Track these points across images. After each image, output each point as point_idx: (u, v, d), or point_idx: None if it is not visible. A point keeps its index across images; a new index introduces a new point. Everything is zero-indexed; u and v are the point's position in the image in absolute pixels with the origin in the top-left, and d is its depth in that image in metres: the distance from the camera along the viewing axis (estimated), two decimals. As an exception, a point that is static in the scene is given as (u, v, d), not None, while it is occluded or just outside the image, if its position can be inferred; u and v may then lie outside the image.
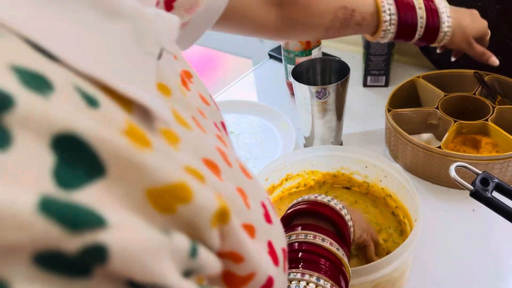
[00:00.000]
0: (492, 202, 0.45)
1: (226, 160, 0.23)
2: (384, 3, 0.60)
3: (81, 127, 0.14)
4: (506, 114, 0.70)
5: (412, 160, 0.68)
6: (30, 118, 0.13)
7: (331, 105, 0.68)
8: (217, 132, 0.26)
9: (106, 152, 0.15)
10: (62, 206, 0.13)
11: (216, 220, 0.18)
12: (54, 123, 0.14)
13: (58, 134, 0.14)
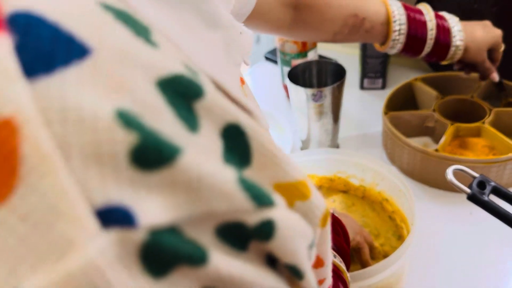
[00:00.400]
0: (489, 205, 0.45)
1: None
2: (395, 13, 0.60)
3: (243, 121, 0.16)
4: (503, 117, 0.70)
5: (409, 163, 0.68)
6: (213, 106, 0.15)
7: (327, 108, 0.68)
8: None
9: (256, 144, 0.17)
10: (253, 186, 0.16)
11: (322, 221, 0.20)
12: (228, 115, 0.16)
13: (228, 124, 0.16)
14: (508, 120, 0.70)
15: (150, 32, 0.15)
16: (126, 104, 0.13)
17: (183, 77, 0.15)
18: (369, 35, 0.62)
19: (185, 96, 0.15)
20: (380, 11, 0.60)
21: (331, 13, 0.58)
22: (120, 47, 0.14)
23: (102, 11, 0.14)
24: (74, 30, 0.13)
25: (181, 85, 0.14)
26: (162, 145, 0.13)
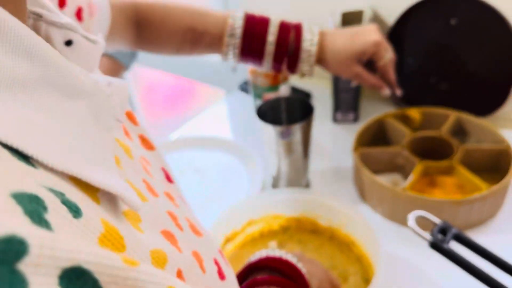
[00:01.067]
0: (449, 253, 0.44)
1: (177, 224, 0.24)
2: (231, 27, 0.59)
3: (83, 259, 0.15)
4: (473, 154, 0.70)
5: (379, 200, 0.67)
6: (41, 260, 0.14)
7: (296, 145, 0.67)
8: (165, 188, 0.26)
9: (105, 276, 0.16)
10: None
11: None
12: (61, 260, 0.14)
13: (65, 270, 0.15)
14: (477, 157, 0.70)
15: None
16: None
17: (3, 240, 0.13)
18: (213, 48, 0.61)
19: (7, 261, 0.13)
20: (218, 23, 0.60)
21: (167, 30, 0.59)
22: None
23: None
24: None
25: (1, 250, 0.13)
26: None
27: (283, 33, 0.59)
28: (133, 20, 0.59)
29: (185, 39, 0.60)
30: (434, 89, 0.86)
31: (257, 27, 0.59)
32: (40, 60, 0.18)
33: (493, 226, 0.64)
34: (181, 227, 0.24)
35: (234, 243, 0.61)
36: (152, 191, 0.24)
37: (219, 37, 0.60)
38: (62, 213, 0.16)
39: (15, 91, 0.17)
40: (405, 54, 0.86)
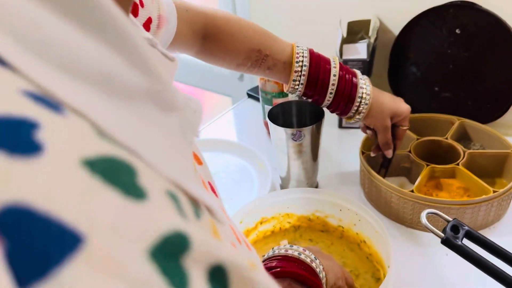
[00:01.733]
0: (462, 249, 0.46)
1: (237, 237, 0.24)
2: (299, 55, 0.60)
3: (224, 257, 0.16)
4: (477, 159, 0.72)
5: (386, 203, 0.69)
6: (199, 255, 0.15)
7: (306, 147, 0.69)
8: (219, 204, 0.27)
9: (234, 276, 0.17)
10: None
11: None
12: (211, 256, 0.16)
13: (212, 268, 0.16)
14: (482, 162, 0.72)
15: (136, 175, 0.15)
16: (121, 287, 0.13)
17: (172, 235, 0.14)
18: (271, 72, 0.62)
19: (175, 255, 0.14)
20: (285, 50, 0.61)
21: (234, 46, 0.60)
22: (111, 220, 0.13)
23: (89, 177, 0.13)
24: (64, 216, 0.12)
25: (170, 244, 0.14)
26: None
27: (344, 82, 0.61)
28: (201, 33, 0.60)
29: (249, 57, 0.60)
30: (438, 97, 0.88)
31: (321, 73, 0.61)
32: (150, 73, 0.18)
33: (499, 229, 0.66)
34: (239, 240, 0.24)
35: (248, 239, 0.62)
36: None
37: (282, 63, 0.61)
38: (190, 212, 0.17)
39: (126, 99, 0.17)
40: (409, 63, 0.88)
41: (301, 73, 0.60)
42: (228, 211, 0.72)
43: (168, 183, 0.17)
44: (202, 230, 0.16)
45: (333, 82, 0.61)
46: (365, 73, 0.84)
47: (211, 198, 0.22)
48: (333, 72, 0.61)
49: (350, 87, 0.61)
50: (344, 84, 0.61)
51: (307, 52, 0.61)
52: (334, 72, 0.61)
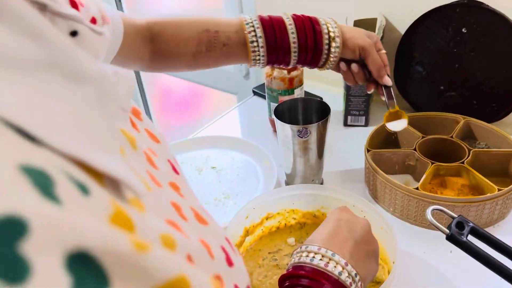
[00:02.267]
0: (467, 246, 0.46)
1: (181, 215, 0.23)
2: (247, 18, 0.59)
3: (90, 242, 0.14)
4: (482, 157, 0.72)
5: (391, 200, 0.69)
6: (46, 239, 0.13)
7: (312, 144, 0.69)
8: (170, 179, 0.26)
9: (111, 263, 0.15)
10: None
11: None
12: (68, 239, 0.14)
13: (72, 254, 0.14)
14: (486, 160, 0.72)
15: None
16: None
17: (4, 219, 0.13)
18: (228, 48, 0.60)
19: (8, 241, 0.12)
20: (232, 21, 0.60)
21: (183, 35, 0.59)
22: None
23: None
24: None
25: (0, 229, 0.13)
26: None
27: (300, 21, 0.60)
28: (147, 37, 0.59)
29: (200, 41, 0.59)
30: (444, 96, 0.88)
31: (275, 25, 0.59)
32: (47, 42, 0.18)
33: (504, 228, 0.66)
34: (185, 217, 0.24)
35: (253, 236, 0.63)
36: (156, 182, 0.24)
37: (234, 33, 0.59)
38: (70, 189, 0.15)
39: (20, 71, 0.16)
40: (415, 62, 0.88)
41: (257, 42, 0.59)
42: (233, 207, 0.73)
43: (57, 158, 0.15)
44: (64, 212, 0.14)
45: (293, 41, 0.59)
46: (370, 72, 0.85)
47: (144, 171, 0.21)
48: (290, 30, 0.59)
49: (313, 37, 0.60)
50: (305, 37, 0.60)
51: (257, 19, 0.60)
52: (291, 30, 0.59)
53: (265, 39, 0.58)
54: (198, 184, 0.80)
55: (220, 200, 0.76)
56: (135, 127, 0.27)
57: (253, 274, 0.59)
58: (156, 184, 0.23)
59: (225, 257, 0.25)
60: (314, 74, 1.10)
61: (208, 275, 0.21)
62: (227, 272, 0.24)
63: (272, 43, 0.59)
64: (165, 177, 0.26)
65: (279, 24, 0.59)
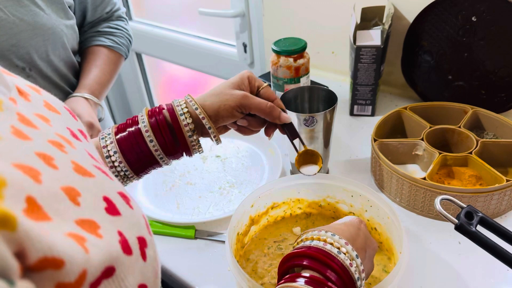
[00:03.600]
0: (476, 236, 0.45)
1: (50, 163, 0.24)
2: (104, 134, 0.52)
3: None
4: (490, 148, 0.71)
5: (397, 190, 0.68)
6: None
7: (318, 133, 0.68)
8: (54, 138, 0.27)
9: None
10: None
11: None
12: None
13: None
14: (494, 151, 0.71)
15: None
16: None
17: None
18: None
19: None
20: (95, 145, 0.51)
21: None
22: None
23: None
24: None
25: None
26: None
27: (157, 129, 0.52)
28: None
29: None
30: (452, 86, 0.87)
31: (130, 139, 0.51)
32: None
33: (511, 218, 0.65)
34: (55, 166, 0.24)
35: (258, 226, 0.63)
36: (20, 135, 0.24)
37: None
38: None
39: None
40: (423, 51, 0.87)
41: (115, 162, 0.51)
42: (238, 195, 0.72)
43: None
44: None
45: (155, 149, 0.51)
46: (378, 60, 0.84)
47: None
48: (148, 138, 0.51)
49: (168, 133, 0.52)
50: (162, 136, 0.51)
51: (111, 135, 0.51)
52: (150, 137, 0.51)
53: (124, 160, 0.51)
54: (203, 172, 0.80)
55: (225, 189, 0.75)
56: (23, 96, 0.28)
57: (258, 263, 0.59)
58: (19, 137, 0.24)
59: (106, 206, 0.26)
60: (320, 63, 1.08)
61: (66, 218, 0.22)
62: (107, 218, 0.26)
63: (134, 160, 0.52)
64: (45, 135, 0.26)
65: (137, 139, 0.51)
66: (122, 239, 0.26)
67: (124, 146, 0.51)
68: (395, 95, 0.97)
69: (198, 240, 0.67)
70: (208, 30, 1.48)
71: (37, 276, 0.19)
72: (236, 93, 0.54)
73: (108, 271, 0.24)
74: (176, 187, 0.77)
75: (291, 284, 0.39)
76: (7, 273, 0.18)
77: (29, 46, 0.74)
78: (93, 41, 0.88)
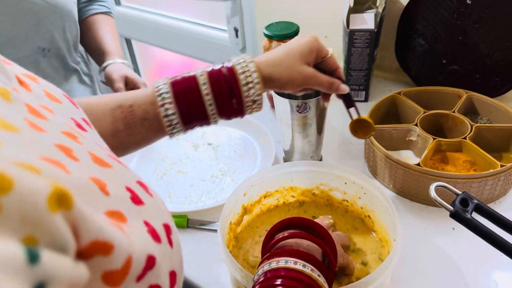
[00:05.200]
0: (471, 223, 0.45)
1: (70, 155, 0.23)
2: (160, 85, 0.51)
3: None
4: (484, 133, 0.71)
5: (391, 176, 0.68)
6: None
7: (311, 120, 0.67)
8: (65, 129, 0.26)
9: None
10: None
11: (53, 205, 0.17)
12: None
13: None
14: (489, 136, 0.71)
15: None
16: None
17: None
18: (149, 122, 0.51)
19: None
20: (146, 91, 0.52)
21: (93, 114, 0.50)
22: None
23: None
24: None
25: None
26: None
27: (214, 77, 0.51)
28: None
29: (115, 119, 0.51)
30: (446, 70, 0.86)
31: (185, 82, 0.51)
32: None
33: (505, 204, 0.65)
34: (75, 158, 0.24)
35: (251, 215, 0.62)
36: (35, 127, 0.23)
37: (150, 105, 0.51)
38: None
39: None
40: (417, 34, 0.86)
41: (167, 105, 0.50)
42: (230, 183, 0.71)
43: None
44: None
45: (209, 103, 0.50)
46: (372, 45, 0.82)
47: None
48: (205, 91, 0.50)
49: (228, 89, 0.51)
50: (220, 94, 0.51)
51: (167, 82, 0.51)
52: (205, 91, 0.50)
53: (178, 110, 0.50)
54: (195, 160, 0.79)
55: (217, 177, 0.74)
56: (24, 86, 0.27)
57: (249, 251, 0.58)
58: (36, 129, 0.23)
59: (130, 196, 0.26)
60: (312, 47, 1.07)
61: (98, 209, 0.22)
62: (133, 209, 0.25)
63: (186, 112, 0.51)
64: (56, 126, 0.26)
65: (191, 84, 0.51)
66: (150, 228, 0.25)
67: (178, 92, 0.50)
68: (389, 80, 0.96)
69: (190, 229, 0.66)
70: (199, 14, 1.46)
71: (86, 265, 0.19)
72: (305, 72, 0.53)
73: (150, 261, 0.23)
74: (168, 176, 0.76)
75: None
76: (67, 251, 0.17)
77: (50, 24, 0.76)
78: (91, 10, 0.92)
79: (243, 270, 0.46)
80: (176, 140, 0.84)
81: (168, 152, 0.81)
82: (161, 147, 0.83)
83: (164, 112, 0.50)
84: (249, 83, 0.51)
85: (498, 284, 0.54)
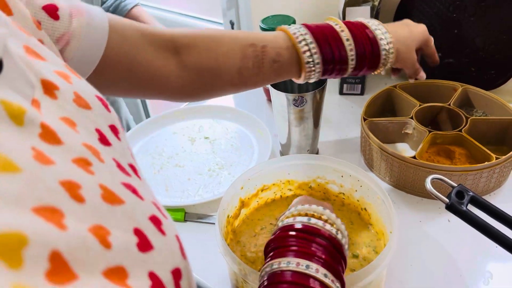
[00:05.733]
0: (467, 215, 0.45)
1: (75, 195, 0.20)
2: (297, 34, 0.53)
3: None
4: (480, 126, 0.71)
5: (387, 169, 0.68)
6: None
7: (308, 113, 0.67)
8: (80, 153, 0.23)
9: None
10: None
11: None
12: None
13: None
14: (484, 129, 0.71)
15: None
16: None
17: None
18: (280, 66, 0.53)
19: None
20: (279, 37, 0.54)
21: (222, 47, 0.51)
22: None
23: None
24: None
25: None
26: None
27: (362, 41, 0.55)
28: (170, 48, 0.50)
29: (245, 55, 0.52)
30: (441, 63, 0.86)
31: (332, 43, 0.54)
32: None
33: (500, 196, 0.66)
34: (81, 198, 0.21)
35: (249, 208, 0.62)
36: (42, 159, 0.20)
37: (285, 50, 0.53)
38: None
39: None
40: (413, 27, 0.86)
41: (310, 51, 0.53)
42: (227, 177, 0.72)
43: None
44: None
45: (350, 48, 0.54)
46: (367, 38, 0.82)
47: None
48: (345, 37, 0.54)
49: (370, 44, 0.55)
50: (362, 44, 0.55)
51: (303, 28, 0.54)
52: (346, 36, 0.54)
53: (321, 55, 0.53)
54: (192, 154, 0.79)
55: (214, 170, 0.75)
56: (49, 93, 0.24)
57: (246, 245, 0.58)
58: (41, 162, 0.20)
59: (137, 242, 0.22)
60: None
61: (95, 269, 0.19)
62: (138, 259, 0.22)
63: (329, 57, 0.54)
64: (69, 152, 0.22)
65: (332, 34, 0.54)
66: (155, 282, 0.22)
67: (318, 35, 0.54)
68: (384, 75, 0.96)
69: (188, 223, 0.66)
70: (194, 7, 1.45)
71: None
72: (414, 56, 0.62)
73: None
74: (165, 170, 0.76)
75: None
76: None
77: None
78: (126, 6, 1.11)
79: (242, 263, 0.46)
80: (173, 134, 0.84)
81: (165, 146, 0.82)
82: (158, 141, 0.83)
83: (307, 58, 0.53)
84: (385, 50, 0.56)
85: (493, 275, 0.55)
